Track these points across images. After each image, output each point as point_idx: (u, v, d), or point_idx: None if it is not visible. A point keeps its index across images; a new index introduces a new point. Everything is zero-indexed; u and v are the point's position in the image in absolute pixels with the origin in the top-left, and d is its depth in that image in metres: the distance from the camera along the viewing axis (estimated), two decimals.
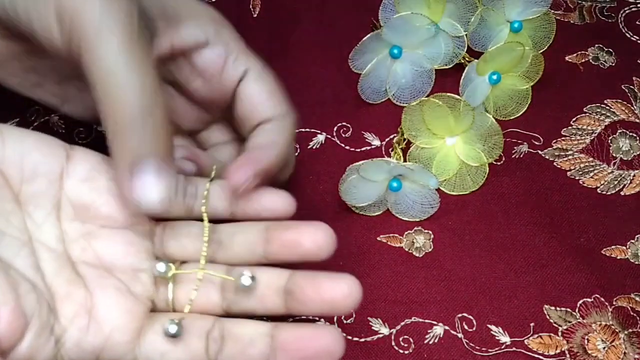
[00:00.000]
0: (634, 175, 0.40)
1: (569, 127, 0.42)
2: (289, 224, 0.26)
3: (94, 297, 0.25)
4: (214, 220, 0.28)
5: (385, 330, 0.35)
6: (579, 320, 0.35)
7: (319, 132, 0.42)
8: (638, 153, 0.40)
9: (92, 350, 0.24)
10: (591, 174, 0.40)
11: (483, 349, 0.34)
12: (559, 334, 0.35)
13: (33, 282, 0.24)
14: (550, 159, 0.41)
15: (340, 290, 0.25)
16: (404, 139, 0.40)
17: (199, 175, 0.30)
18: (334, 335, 0.24)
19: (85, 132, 0.41)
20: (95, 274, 0.25)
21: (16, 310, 0.22)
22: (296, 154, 0.41)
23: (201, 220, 0.28)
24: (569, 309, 0.35)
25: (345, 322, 0.35)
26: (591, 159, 0.40)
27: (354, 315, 0.35)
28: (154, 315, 0.26)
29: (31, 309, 0.23)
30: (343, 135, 0.42)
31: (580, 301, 0.36)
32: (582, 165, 0.40)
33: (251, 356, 0.25)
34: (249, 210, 0.28)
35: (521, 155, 0.41)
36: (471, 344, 0.34)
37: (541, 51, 0.44)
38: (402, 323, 0.35)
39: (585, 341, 0.34)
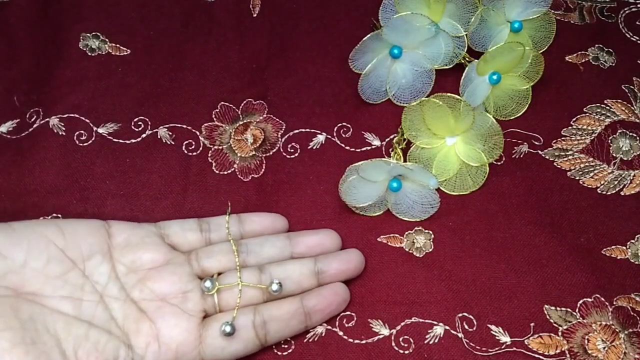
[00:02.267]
0: (634, 175, 0.40)
1: (569, 127, 0.42)
2: (307, 232, 0.37)
3: (158, 325, 0.32)
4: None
5: (385, 331, 0.35)
6: (579, 320, 0.35)
7: (319, 132, 0.42)
8: (638, 153, 0.40)
9: None
10: (591, 174, 0.40)
11: (483, 348, 0.34)
12: (559, 334, 0.35)
13: (109, 331, 0.32)
14: (550, 159, 0.41)
15: (356, 261, 0.36)
16: (404, 139, 0.40)
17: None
18: (344, 289, 0.35)
19: (86, 134, 0.41)
20: (154, 307, 0.33)
21: None
22: (295, 154, 0.41)
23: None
24: (569, 309, 0.35)
25: (346, 325, 0.35)
26: (591, 159, 0.40)
27: (355, 318, 0.35)
28: (208, 321, 0.33)
29: (112, 354, 0.31)
30: (343, 135, 0.42)
31: (581, 301, 0.36)
32: (582, 165, 0.40)
33: (293, 327, 0.34)
34: (254, 232, 0.37)
35: (521, 155, 0.41)
36: (471, 344, 0.35)
37: (541, 51, 0.44)
38: (403, 323, 0.35)
39: (586, 341, 0.35)
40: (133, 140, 0.41)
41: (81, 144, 0.41)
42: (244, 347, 0.33)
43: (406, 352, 0.35)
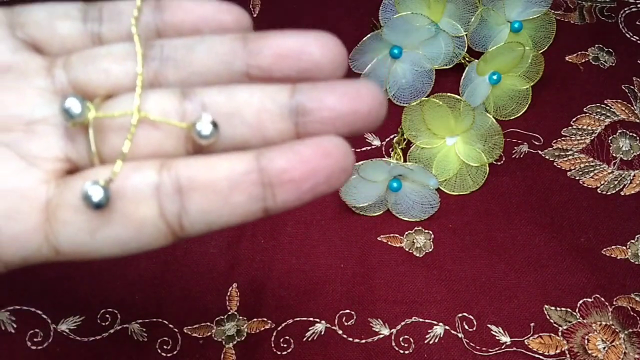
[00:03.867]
0: (634, 175, 0.40)
1: (569, 127, 0.42)
2: (280, 32, 0.19)
3: None
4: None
5: (385, 331, 0.35)
6: (579, 320, 0.35)
7: None
8: (638, 153, 0.40)
9: None
10: (591, 174, 0.40)
11: (483, 349, 0.34)
12: (559, 334, 0.35)
13: None
14: (550, 159, 0.41)
15: (368, 96, 0.18)
16: (404, 139, 0.40)
17: None
18: (342, 145, 0.18)
19: None
20: None
21: None
22: None
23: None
24: (569, 309, 0.35)
25: (346, 324, 0.35)
26: (591, 159, 0.40)
27: (354, 317, 0.35)
28: (70, 180, 0.18)
29: None
30: None
31: (581, 301, 0.36)
32: (582, 165, 0.40)
33: (236, 207, 0.18)
34: (182, 28, 0.20)
35: (521, 155, 0.41)
36: (471, 344, 0.35)
37: (541, 51, 0.44)
38: (403, 323, 0.35)
39: (586, 341, 0.35)
40: None
41: None
42: (136, 233, 0.18)
43: (406, 352, 0.34)
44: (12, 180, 0.18)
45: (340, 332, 0.35)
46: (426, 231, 0.38)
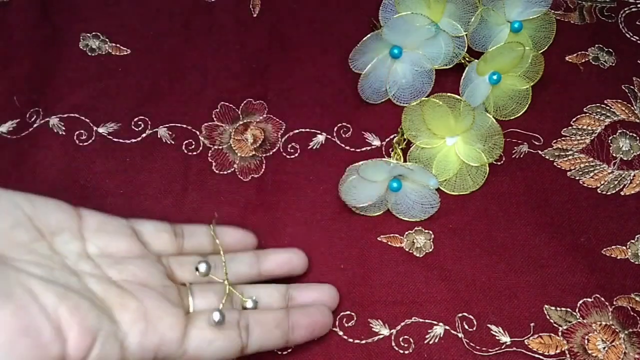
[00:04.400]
0: (634, 175, 0.40)
1: (569, 127, 0.42)
2: (275, 250, 0.37)
3: (145, 304, 0.30)
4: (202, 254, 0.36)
5: (385, 331, 0.35)
6: (579, 320, 0.35)
7: (319, 132, 0.42)
8: (638, 153, 0.40)
9: (152, 348, 0.29)
10: (591, 174, 0.40)
11: (483, 348, 0.34)
12: (559, 334, 0.35)
13: (90, 299, 0.28)
14: (550, 159, 0.41)
15: (326, 294, 0.35)
16: (404, 139, 0.40)
17: None
18: (329, 314, 0.35)
19: (87, 134, 0.41)
20: (137, 288, 0.30)
21: (82, 330, 0.26)
22: (295, 154, 0.41)
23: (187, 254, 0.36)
24: (569, 309, 0.35)
25: (346, 325, 0.35)
26: (591, 159, 0.40)
27: (355, 318, 0.35)
28: (189, 316, 0.31)
29: (95, 324, 0.27)
30: (343, 135, 0.42)
31: (581, 301, 0.36)
32: (582, 165, 0.40)
33: (275, 337, 0.33)
34: (227, 245, 0.36)
35: (521, 155, 0.41)
36: (471, 344, 0.35)
37: (541, 51, 0.44)
38: (403, 323, 0.35)
39: (586, 341, 0.35)
40: (133, 140, 0.41)
41: (81, 144, 0.41)
42: (228, 345, 0.31)
43: (406, 352, 0.35)
44: (172, 311, 0.30)
45: (340, 333, 0.35)
46: (426, 231, 0.38)
